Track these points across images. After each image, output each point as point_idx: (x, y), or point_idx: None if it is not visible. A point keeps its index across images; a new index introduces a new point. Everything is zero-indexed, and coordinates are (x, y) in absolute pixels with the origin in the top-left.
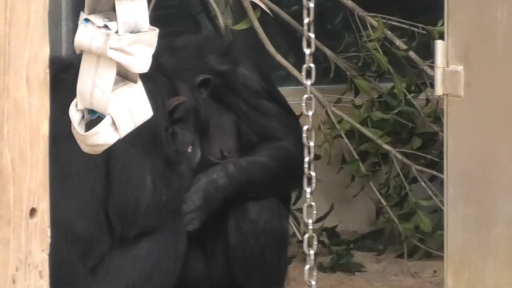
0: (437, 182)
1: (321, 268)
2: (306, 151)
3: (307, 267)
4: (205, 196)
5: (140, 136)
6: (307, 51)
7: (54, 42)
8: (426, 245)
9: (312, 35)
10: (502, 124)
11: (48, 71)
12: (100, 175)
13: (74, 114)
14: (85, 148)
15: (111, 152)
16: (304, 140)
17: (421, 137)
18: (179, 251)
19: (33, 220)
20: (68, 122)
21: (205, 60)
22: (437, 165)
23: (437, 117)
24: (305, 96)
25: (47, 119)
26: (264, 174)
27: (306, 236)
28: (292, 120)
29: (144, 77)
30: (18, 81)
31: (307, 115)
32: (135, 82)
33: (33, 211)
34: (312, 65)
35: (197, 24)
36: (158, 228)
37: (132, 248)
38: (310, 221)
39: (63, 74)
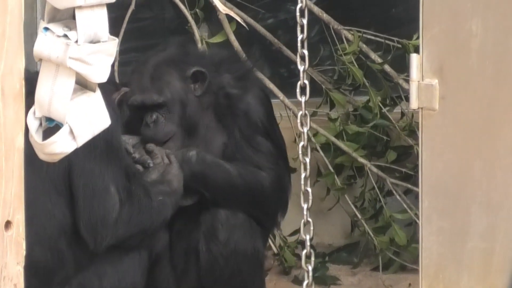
0: (412, 196)
1: (296, 281)
2: (302, 167)
3: (305, 283)
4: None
5: (97, 149)
6: (301, 68)
7: (29, 54)
8: (401, 258)
9: (306, 52)
10: (476, 138)
11: (23, 83)
12: (60, 199)
13: (32, 122)
14: (42, 156)
15: (71, 172)
16: (300, 156)
17: (396, 151)
18: (142, 263)
19: (8, 232)
20: (25, 144)
21: (219, 77)
22: (412, 178)
23: (412, 131)
24: (300, 112)
25: (22, 131)
26: (223, 181)
27: (304, 252)
28: (280, 161)
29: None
30: None
31: (302, 132)
32: (94, 91)
33: (8, 224)
34: (307, 82)
35: (173, 37)
36: (129, 243)
37: (97, 266)
38: (308, 237)
39: None
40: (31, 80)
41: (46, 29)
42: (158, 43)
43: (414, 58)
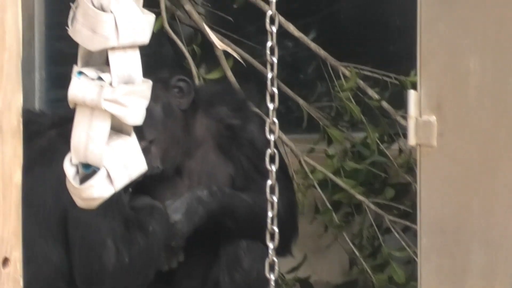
0: (411, 233)
1: None
2: (269, 206)
3: None
4: (187, 208)
5: None
6: (270, 106)
7: (27, 91)
8: None
9: (275, 90)
10: (475, 175)
11: (21, 119)
12: (56, 244)
13: (69, 168)
14: (80, 203)
15: (68, 220)
16: (268, 195)
17: (394, 188)
18: None
19: (6, 270)
20: (25, 185)
21: (216, 109)
22: (411, 215)
23: (410, 168)
24: (269, 150)
25: (20, 168)
26: (245, 210)
27: None
28: (289, 185)
29: None
30: None
31: (270, 170)
32: (129, 135)
33: (5, 261)
34: (276, 121)
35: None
36: None
37: None
38: (272, 276)
39: None
40: (34, 121)
41: (80, 73)
42: None
43: (412, 95)
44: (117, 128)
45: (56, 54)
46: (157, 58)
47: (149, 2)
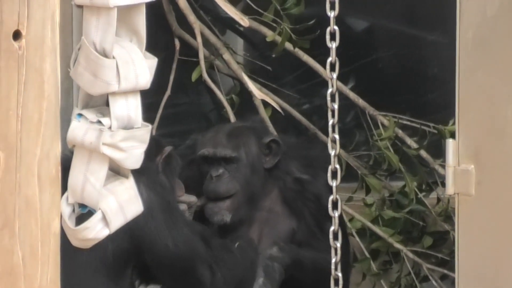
0: (449, 281)
1: None
2: (332, 252)
3: None
4: (265, 269)
5: (168, 244)
6: (332, 153)
7: (66, 139)
8: None
9: (337, 136)
10: None
11: (59, 168)
12: (110, 285)
13: (65, 208)
14: (75, 242)
15: (147, 260)
16: (331, 241)
17: (432, 236)
18: None
19: None
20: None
21: (286, 163)
22: (448, 264)
23: (448, 216)
24: (331, 197)
25: (58, 216)
26: (308, 264)
27: None
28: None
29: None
30: (30, 178)
31: (333, 216)
32: (127, 177)
33: None
34: (338, 166)
35: (209, 122)
36: None
37: None
38: None
39: None
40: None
41: (80, 115)
42: (194, 128)
43: (450, 144)
44: (115, 170)
45: None
46: (195, 107)
47: (188, 51)
